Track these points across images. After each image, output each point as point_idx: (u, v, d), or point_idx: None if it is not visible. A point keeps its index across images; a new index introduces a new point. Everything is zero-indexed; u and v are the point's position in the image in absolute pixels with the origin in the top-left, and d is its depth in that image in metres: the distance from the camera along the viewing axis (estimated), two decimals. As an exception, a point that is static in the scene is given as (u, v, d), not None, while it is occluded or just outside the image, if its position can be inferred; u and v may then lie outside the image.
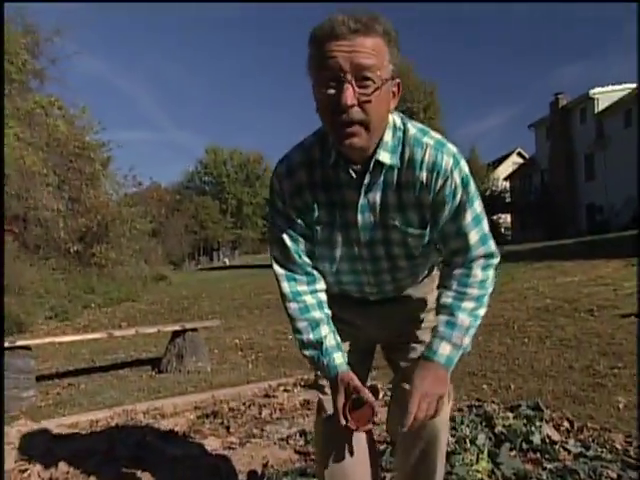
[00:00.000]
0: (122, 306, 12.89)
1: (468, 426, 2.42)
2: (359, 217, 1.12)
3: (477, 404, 2.89)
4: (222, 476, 2.06)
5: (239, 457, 2.26)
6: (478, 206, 1.15)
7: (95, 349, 6.71)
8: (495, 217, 30.38)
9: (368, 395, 1.10)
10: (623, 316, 5.06)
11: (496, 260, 1.20)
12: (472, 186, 1.13)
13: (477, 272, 1.15)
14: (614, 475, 1.88)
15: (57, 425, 2.75)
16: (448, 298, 1.15)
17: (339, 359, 1.17)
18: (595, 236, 15.95)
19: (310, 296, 1.20)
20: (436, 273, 1.37)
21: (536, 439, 2.26)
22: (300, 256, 1.18)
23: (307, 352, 1.20)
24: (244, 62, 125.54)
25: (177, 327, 4.94)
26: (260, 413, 2.95)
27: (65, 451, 2.35)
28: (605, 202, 22.64)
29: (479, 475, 1.98)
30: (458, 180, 1.10)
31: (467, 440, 2.21)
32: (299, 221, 1.15)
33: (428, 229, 1.15)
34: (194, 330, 4.92)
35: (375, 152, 1.05)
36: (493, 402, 2.94)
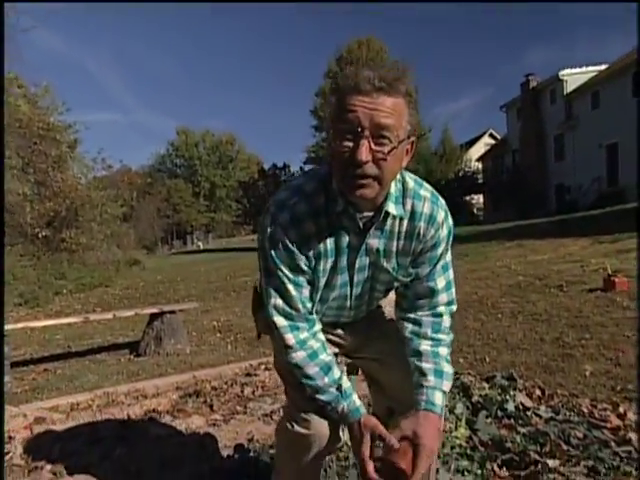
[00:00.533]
0: (95, 292, 12.63)
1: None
2: (357, 260, 1.17)
3: (455, 377, 2.98)
4: (208, 451, 2.09)
5: (224, 433, 2.29)
6: (449, 255, 1.25)
7: (70, 335, 6.58)
8: (468, 198, 30.83)
9: (398, 444, 1.06)
10: (590, 290, 5.29)
11: (455, 307, 1.29)
12: (451, 239, 1.23)
13: (446, 319, 1.26)
14: (580, 435, 2.01)
15: (37, 409, 2.71)
16: (427, 346, 1.22)
17: (358, 401, 1.15)
18: (564, 215, 16.43)
19: (314, 340, 1.19)
20: None
21: (510, 407, 2.37)
22: (304, 304, 1.17)
23: (324, 397, 1.15)
24: (213, 42, 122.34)
25: (155, 310, 4.89)
26: (242, 391, 2.98)
27: (47, 433, 2.33)
28: (573, 182, 23.23)
29: (458, 441, 2.06)
30: (445, 232, 1.20)
31: (446, 409, 2.30)
32: (305, 269, 1.14)
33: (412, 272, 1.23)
34: (172, 312, 4.88)
35: (384, 203, 1.10)
36: (469, 374, 3.04)
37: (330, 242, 1.14)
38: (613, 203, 16.50)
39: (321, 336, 1.22)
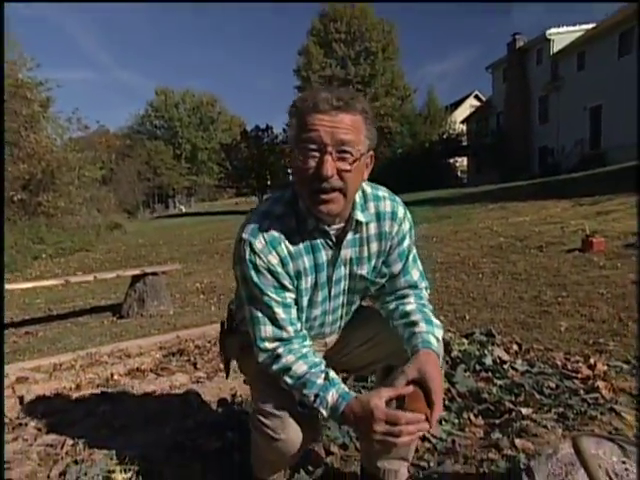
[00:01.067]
0: (76, 256, 12.46)
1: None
2: (335, 273, 1.22)
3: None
4: (193, 407, 2.11)
5: (208, 389, 2.32)
6: (414, 248, 1.33)
7: (51, 298, 6.52)
8: (452, 160, 30.81)
9: (410, 389, 1.04)
10: (568, 251, 5.40)
11: (429, 291, 1.36)
12: (414, 232, 1.31)
13: (425, 294, 1.31)
14: (553, 385, 2.09)
15: (19, 369, 2.70)
16: (413, 305, 1.26)
17: (346, 388, 1.11)
18: (546, 178, 16.56)
19: (305, 348, 1.18)
20: None
21: (488, 361, 2.44)
22: (294, 325, 1.17)
23: (312, 390, 1.10)
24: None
25: (137, 271, 4.85)
26: (226, 350, 3.00)
27: (30, 392, 2.33)
28: (557, 145, 23.29)
29: (437, 393, 2.12)
30: (407, 226, 1.28)
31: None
32: (290, 287, 1.16)
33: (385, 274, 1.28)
34: (154, 274, 4.85)
35: (352, 212, 1.17)
36: (450, 331, 3.11)
37: (308, 260, 1.17)
38: (595, 166, 16.67)
39: (310, 346, 1.21)
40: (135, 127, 59.16)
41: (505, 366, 2.37)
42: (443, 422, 1.86)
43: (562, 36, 22.96)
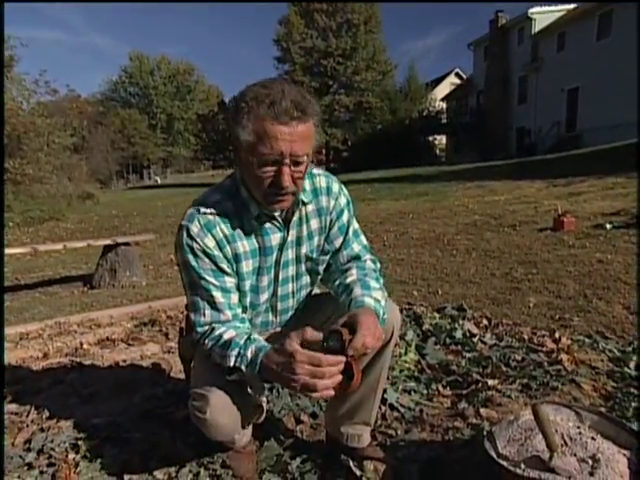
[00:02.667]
0: (45, 225, 12.12)
1: (398, 324, 2.60)
2: (282, 256, 1.24)
3: (407, 307, 3.09)
4: (164, 376, 2.10)
5: (179, 359, 2.29)
6: (356, 223, 1.37)
7: (18, 268, 6.34)
8: (431, 138, 30.86)
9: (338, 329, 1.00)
10: (540, 230, 5.52)
11: (379, 265, 1.36)
12: (352, 207, 1.36)
13: (369, 264, 1.32)
14: (519, 358, 2.16)
15: (-19, 338, 2.62)
16: (354, 276, 1.25)
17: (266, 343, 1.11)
18: (523, 158, 16.79)
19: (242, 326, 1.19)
20: None
21: (458, 334, 2.50)
22: (234, 310, 1.19)
23: (234, 350, 1.08)
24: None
25: (109, 241, 4.73)
26: (199, 321, 2.98)
27: (-7, 362, 2.27)
28: (534, 126, 23.53)
29: (406, 365, 2.16)
30: (344, 200, 1.32)
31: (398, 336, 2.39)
32: (229, 271, 1.17)
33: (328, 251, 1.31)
34: (127, 244, 4.75)
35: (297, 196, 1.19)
36: (422, 305, 3.16)
37: (249, 244, 1.20)
38: (570, 148, 16.96)
39: (249, 328, 1.21)
40: (108, 94, 56.93)
41: (474, 339, 2.43)
42: (412, 392, 1.90)
43: (544, 15, 22.89)
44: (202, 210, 1.16)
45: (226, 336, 1.12)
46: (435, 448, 1.51)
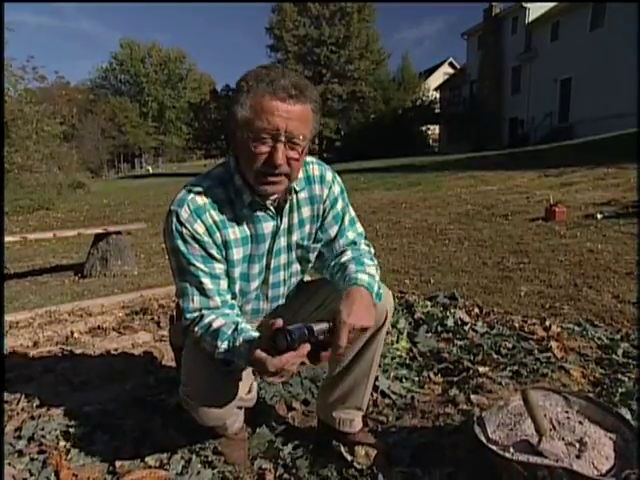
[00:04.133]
0: (35, 215, 11.98)
1: (391, 313, 2.61)
2: (275, 244, 1.23)
3: (399, 295, 3.11)
4: (155, 364, 2.10)
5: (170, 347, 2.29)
6: (352, 211, 1.37)
7: (8, 257, 6.26)
8: (424, 128, 30.80)
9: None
10: (532, 220, 5.55)
11: (373, 250, 1.36)
12: (346, 195, 1.35)
13: (363, 247, 1.34)
14: (510, 346, 2.18)
15: (-30, 327, 2.60)
16: (348, 256, 1.27)
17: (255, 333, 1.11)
18: (515, 149, 16.83)
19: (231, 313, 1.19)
20: None
21: (450, 322, 2.51)
22: (223, 296, 1.18)
23: (224, 342, 1.09)
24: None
25: (100, 230, 4.69)
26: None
27: (-17, 350, 2.25)
28: (527, 116, 23.55)
29: (398, 352, 2.18)
30: (338, 188, 1.32)
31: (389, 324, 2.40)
32: (218, 257, 1.16)
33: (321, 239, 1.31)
34: (118, 233, 4.71)
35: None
36: (414, 293, 3.17)
37: (240, 231, 1.18)
38: (562, 138, 17.02)
39: (238, 315, 1.21)
40: (98, 81, 56.12)
41: (466, 328, 2.44)
42: (403, 380, 1.92)
43: (538, 4, 22.77)
44: (192, 196, 1.14)
45: (215, 324, 1.12)
46: (426, 434, 1.52)
